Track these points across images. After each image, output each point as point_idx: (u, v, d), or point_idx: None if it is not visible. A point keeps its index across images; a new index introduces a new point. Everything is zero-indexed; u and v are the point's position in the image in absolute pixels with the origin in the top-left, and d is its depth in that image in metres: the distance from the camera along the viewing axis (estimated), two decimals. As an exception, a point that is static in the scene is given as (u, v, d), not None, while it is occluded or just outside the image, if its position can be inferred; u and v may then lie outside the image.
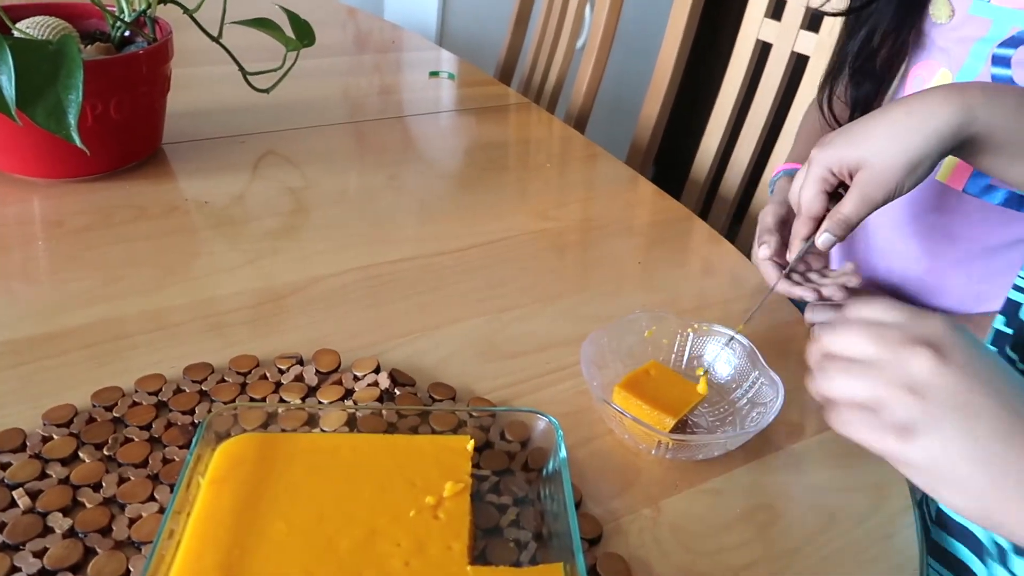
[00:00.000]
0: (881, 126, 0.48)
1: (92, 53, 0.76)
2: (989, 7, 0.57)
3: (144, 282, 0.63)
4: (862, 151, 0.48)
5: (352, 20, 1.46)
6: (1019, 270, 0.62)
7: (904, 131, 0.46)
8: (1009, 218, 0.61)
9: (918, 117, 0.46)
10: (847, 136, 0.49)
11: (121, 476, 0.46)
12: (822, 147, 0.50)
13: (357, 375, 0.55)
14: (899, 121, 0.47)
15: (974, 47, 0.59)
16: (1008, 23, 0.56)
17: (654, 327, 0.58)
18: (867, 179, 0.49)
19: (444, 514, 0.41)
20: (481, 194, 0.84)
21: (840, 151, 0.49)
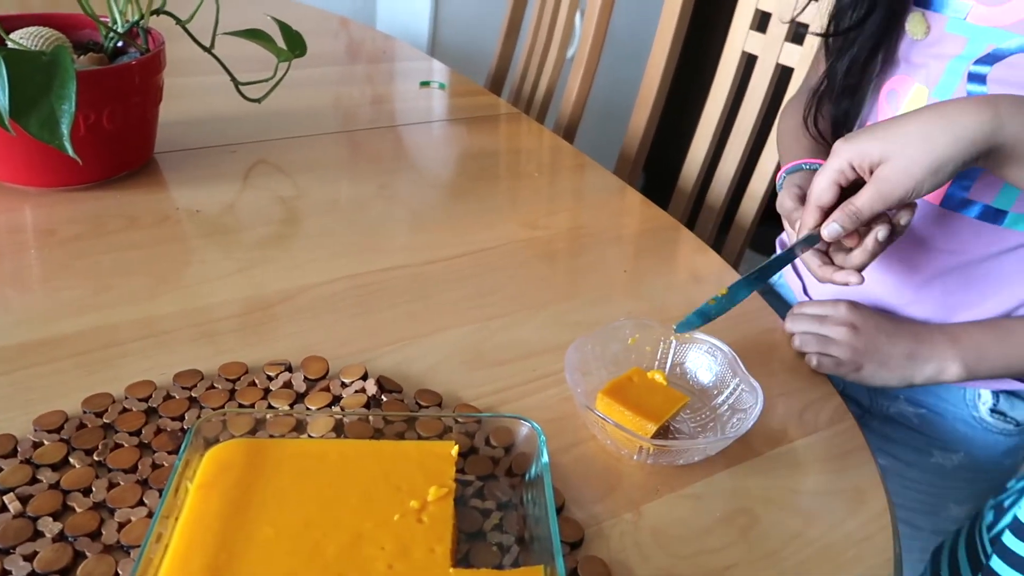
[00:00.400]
0: (911, 124, 0.48)
1: (85, 63, 0.76)
2: (965, 25, 0.59)
3: (135, 290, 0.64)
4: (887, 146, 0.48)
5: (344, 30, 1.47)
6: (995, 282, 0.64)
7: (935, 131, 0.46)
8: (984, 231, 0.63)
9: (950, 120, 0.46)
10: (874, 131, 0.49)
11: (111, 481, 0.46)
12: (847, 140, 0.50)
13: (345, 382, 0.55)
14: (930, 121, 0.47)
15: (950, 64, 0.60)
16: (983, 41, 0.58)
17: (638, 334, 0.59)
18: (888, 175, 0.48)
19: (428, 518, 0.42)
20: (470, 203, 0.85)
21: (865, 145, 0.49)
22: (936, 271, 0.65)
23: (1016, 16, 0.55)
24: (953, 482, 0.72)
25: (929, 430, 0.69)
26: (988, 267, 0.63)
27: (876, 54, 0.65)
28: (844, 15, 0.64)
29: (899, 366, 0.62)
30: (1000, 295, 0.64)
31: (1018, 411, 0.68)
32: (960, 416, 0.69)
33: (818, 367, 0.62)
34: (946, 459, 0.70)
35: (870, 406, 0.74)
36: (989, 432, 0.69)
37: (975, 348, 0.61)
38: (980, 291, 0.64)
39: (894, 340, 0.62)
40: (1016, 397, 0.68)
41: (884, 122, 0.50)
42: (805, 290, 0.78)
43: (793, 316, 0.65)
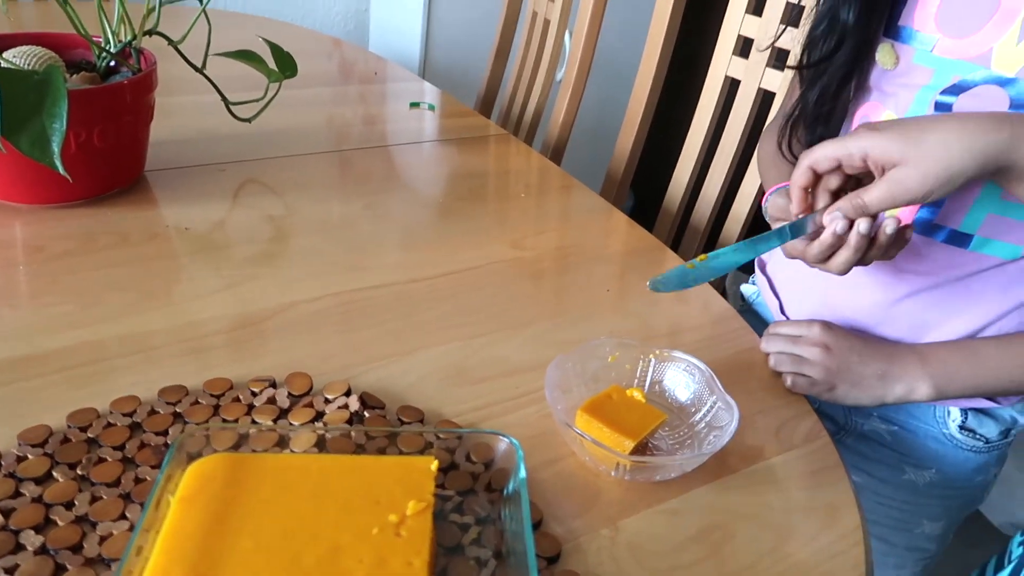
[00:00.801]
0: (933, 132, 0.48)
1: (77, 83, 0.78)
2: (931, 56, 0.61)
3: (123, 307, 0.65)
4: (908, 150, 0.48)
5: (337, 51, 1.49)
6: (964, 303, 0.65)
7: (953, 143, 0.47)
8: (953, 254, 0.64)
9: (969, 133, 0.47)
10: (897, 131, 0.49)
11: (94, 495, 0.47)
12: (873, 130, 0.49)
13: (328, 398, 0.56)
14: (951, 132, 0.48)
15: (918, 93, 0.62)
16: (949, 73, 0.60)
17: (618, 353, 0.60)
18: (902, 177, 0.49)
19: (406, 531, 0.43)
20: (457, 223, 0.86)
21: (888, 143, 0.49)
22: (907, 292, 0.67)
23: (979, 50, 0.57)
24: (926, 499, 0.73)
25: (901, 447, 0.70)
26: (957, 288, 0.65)
27: (847, 83, 0.67)
28: (815, 47, 0.66)
29: (871, 386, 0.63)
30: (969, 314, 0.65)
31: (986, 428, 0.69)
32: (931, 433, 0.70)
33: (793, 387, 0.63)
34: (918, 476, 0.71)
35: (845, 423, 0.75)
36: (959, 449, 0.70)
37: (945, 369, 0.63)
38: (950, 311, 0.66)
39: (866, 360, 0.63)
40: (984, 415, 0.69)
41: (905, 123, 0.50)
42: (782, 309, 0.80)
43: (768, 336, 0.66)
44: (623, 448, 0.51)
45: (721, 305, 0.75)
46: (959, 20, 0.59)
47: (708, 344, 0.70)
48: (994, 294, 0.64)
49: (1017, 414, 0.70)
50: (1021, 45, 0.55)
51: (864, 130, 0.50)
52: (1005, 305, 0.64)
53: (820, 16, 0.65)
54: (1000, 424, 0.70)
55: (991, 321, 0.65)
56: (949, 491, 0.72)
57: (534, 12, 1.36)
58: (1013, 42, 0.56)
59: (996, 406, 0.69)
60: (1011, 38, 0.56)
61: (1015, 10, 0.56)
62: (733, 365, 0.67)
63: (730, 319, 0.73)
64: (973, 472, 0.71)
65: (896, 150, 0.49)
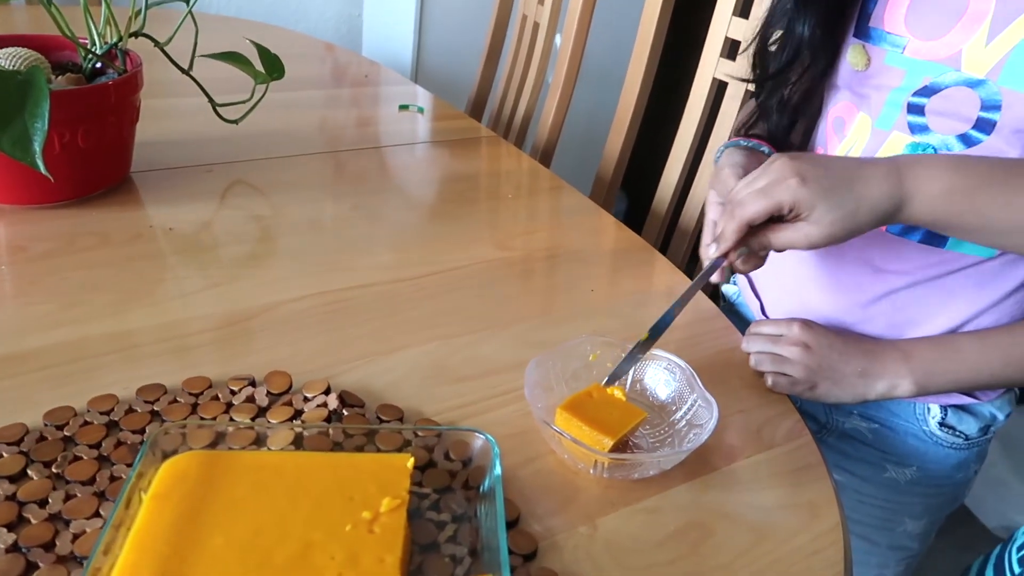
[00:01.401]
0: (851, 196, 0.51)
1: (63, 84, 0.78)
2: (903, 58, 0.61)
3: (104, 306, 0.65)
4: (824, 210, 0.51)
5: (330, 55, 1.50)
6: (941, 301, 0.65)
7: (863, 208, 0.51)
8: (930, 254, 0.64)
9: (875, 199, 0.51)
10: (822, 189, 0.51)
11: (68, 493, 0.47)
12: (800, 183, 0.51)
13: (307, 396, 0.56)
14: (864, 196, 0.51)
15: (890, 95, 0.62)
16: (920, 74, 0.60)
17: (598, 351, 0.60)
18: (810, 231, 0.52)
19: (379, 528, 0.42)
20: (444, 224, 0.86)
21: (811, 199, 0.51)
22: (885, 291, 0.67)
23: (949, 51, 0.57)
24: (907, 497, 0.72)
25: (882, 445, 0.70)
26: (934, 287, 0.65)
27: (815, 91, 0.66)
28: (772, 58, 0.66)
29: (852, 384, 0.63)
30: (947, 313, 0.65)
31: (966, 425, 0.69)
32: (911, 431, 0.70)
33: (774, 386, 0.63)
34: (899, 474, 0.71)
35: (826, 422, 0.75)
36: (940, 446, 0.70)
37: (925, 365, 0.63)
38: (928, 310, 0.66)
39: (846, 358, 0.63)
40: (964, 411, 0.69)
41: (826, 179, 0.52)
42: (763, 309, 0.80)
43: (749, 335, 0.66)
44: (602, 446, 0.51)
45: (705, 304, 0.75)
46: (928, 22, 0.59)
47: (691, 343, 0.70)
48: (971, 292, 0.64)
49: (996, 410, 0.70)
50: (990, 47, 0.55)
51: (794, 181, 0.51)
52: (981, 303, 0.64)
53: (771, 26, 0.65)
54: (980, 421, 0.70)
55: (968, 319, 0.65)
56: (930, 489, 0.72)
57: (524, 15, 1.36)
58: (982, 44, 0.56)
59: (975, 402, 0.69)
60: (980, 40, 0.56)
61: (983, 12, 0.56)
62: (716, 364, 0.67)
63: (714, 318, 0.73)
64: (953, 469, 0.71)
65: (816, 208, 0.51)
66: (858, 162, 0.53)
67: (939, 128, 0.60)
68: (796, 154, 0.53)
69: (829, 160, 0.53)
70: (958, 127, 0.58)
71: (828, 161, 0.53)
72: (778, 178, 0.52)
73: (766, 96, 0.68)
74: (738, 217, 0.53)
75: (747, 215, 0.53)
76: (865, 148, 0.65)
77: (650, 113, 1.16)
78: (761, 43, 0.67)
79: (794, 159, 0.53)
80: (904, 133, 0.62)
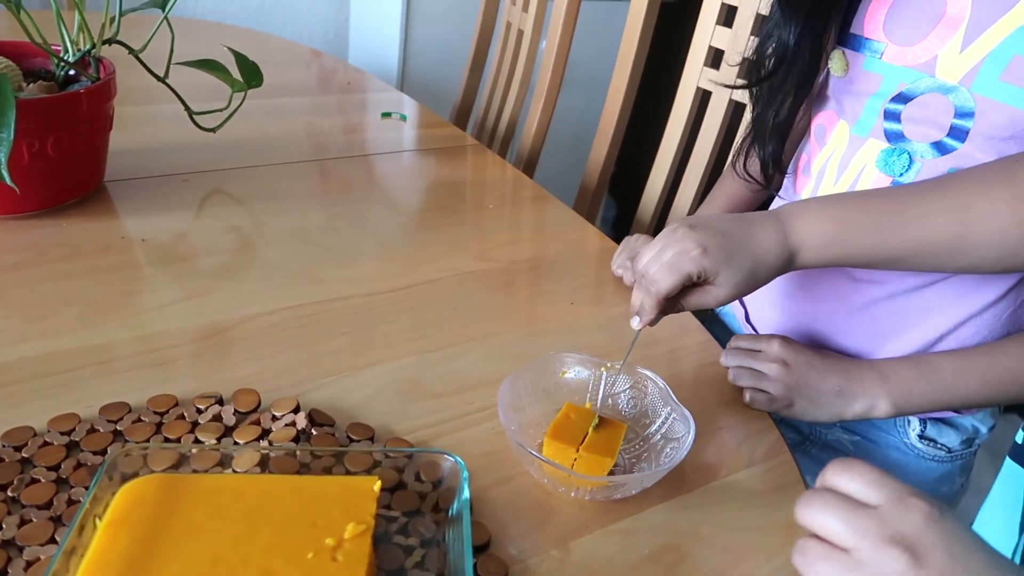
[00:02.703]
0: (748, 261, 0.55)
1: (34, 92, 0.76)
2: (880, 63, 0.60)
3: (70, 320, 0.63)
4: (727, 276, 0.54)
5: (315, 61, 1.48)
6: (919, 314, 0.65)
7: (761, 270, 0.55)
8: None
9: (764, 261, 0.55)
10: (723, 256, 0.54)
11: (23, 518, 0.45)
12: (705, 255, 0.54)
13: (276, 415, 0.55)
14: (761, 260, 0.55)
15: (868, 102, 0.62)
16: (896, 80, 0.59)
17: (568, 368, 0.59)
18: (717, 293, 0.56)
19: (343, 556, 0.41)
20: (423, 234, 0.85)
21: (713, 266, 0.54)
22: (864, 302, 0.66)
23: (925, 57, 0.57)
24: None
25: (864, 457, 0.69)
26: (913, 298, 0.64)
27: (801, 97, 0.66)
28: (763, 66, 0.66)
29: (829, 403, 0.62)
30: (925, 325, 0.65)
31: (946, 437, 0.69)
32: (892, 443, 0.69)
33: (751, 403, 0.62)
34: None
35: (809, 433, 0.74)
36: (922, 459, 0.69)
37: (903, 385, 0.62)
38: (905, 322, 0.65)
39: (824, 377, 0.62)
40: (944, 424, 0.69)
41: (724, 245, 0.54)
42: (747, 318, 0.79)
43: (728, 350, 0.65)
44: (604, 467, 0.50)
45: (687, 318, 0.74)
46: (906, 28, 0.59)
47: (672, 357, 0.69)
48: (949, 305, 0.64)
49: (978, 423, 0.70)
50: (964, 53, 0.55)
51: (697, 253, 0.54)
52: (960, 315, 0.63)
53: (766, 36, 0.65)
54: (961, 433, 0.69)
55: (947, 331, 0.64)
56: None
57: (508, 22, 1.35)
58: (956, 50, 0.55)
59: (956, 415, 0.69)
60: (954, 46, 0.55)
61: (959, 18, 0.55)
62: (696, 379, 0.66)
63: (694, 332, 0.72)
64: (936, 482, 0.71)
65: (720, 274, 0.54)
66: (747, 222, 0.56)
67: (914, 135, 0.59)
68: (694, 222, 0.56)
69: (724, 224, 0.55)
70: (932, 134, 0.58)
71: (724, 226, 0.55)
72: (681, 250, 0.54)
73: (762, 108, 0.68)
74: (654, 293, 0.56)
75: (662, 290, 0.55)
76: (843, 155, 0.65)
77: (639, 118, 1.15)
78: (757, 55, 0.67)
79: (693, 229, 0.55)
80: (879, 140, 0.61)
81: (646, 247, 0.57)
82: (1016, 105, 0.53)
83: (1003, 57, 0.53)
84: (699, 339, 0.71)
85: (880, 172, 0.61)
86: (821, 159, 0.67)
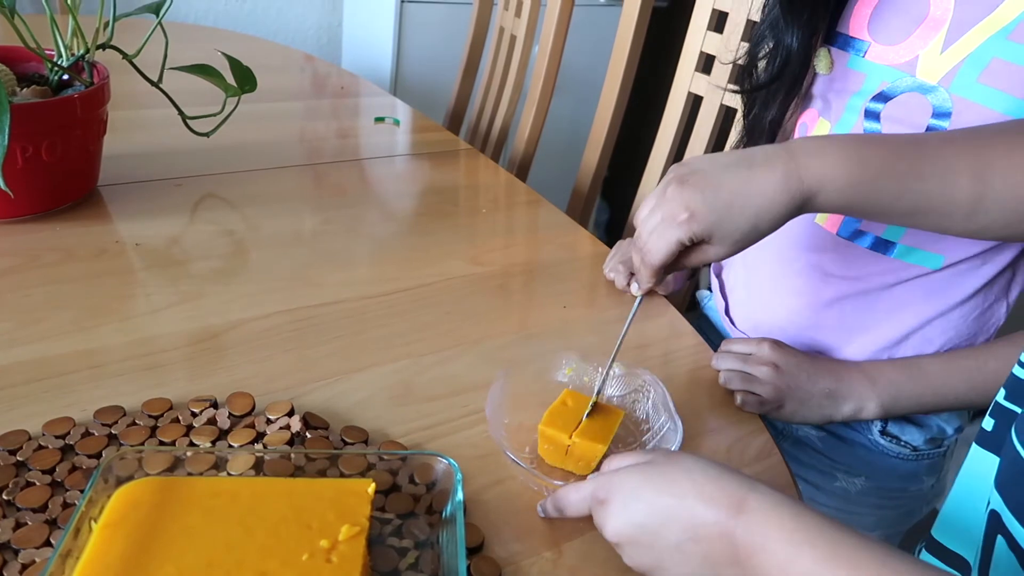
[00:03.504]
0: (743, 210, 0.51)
1: (28, 96, 0.76)
2: (863, 62, 0.61)
3: (64, 324, 0.63)
4: (724, 234, 0.52)
5: (309, 66, 1.49)
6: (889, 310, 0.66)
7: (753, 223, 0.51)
8: (878, 261, 0.65)
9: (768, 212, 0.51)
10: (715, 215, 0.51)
11: (18, 521, 0.45)
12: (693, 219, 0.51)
13: (270, 418, 0.55)
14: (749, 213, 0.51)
15: (850, 100, 0.62)
16: (879, 78, 0.60)
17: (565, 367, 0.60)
18: (717, 252, 0.53)
19: (337, 557, 0.41)
20: (417, 238, 0.85)
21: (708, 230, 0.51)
22: (835, 296, 0.67)
23: (907, 57, 0.58)
24: (858, 507, 0.72)
25: (832, 452, 0.70)
26: (884, 295, 0.65)
27: (791, 98, 0.67)
28: (761, 69, 0.66)
29: (819, 405, 0.63)
30: (895, 321, 0.66)
31: (910, 435, 0.69)
32: (858, 440, 0.70)
33: (743, 405, 0.62)
34: (849, 483, 0.71)
35: (783, 428, 0.75)
36: (886, 455, 0.70)
37: (891, 388, 0.63)
38: (876, 316, 0.66)
39: (814, 379, 0.63)
40: (905, 421, 0.69)
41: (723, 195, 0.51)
42: (727, 311, 0.80)
43: (720, 353, 0.66)
44: (596, 455, 0.51)
45: (679, 322, 0.74)
46: (890, 27, 0.59)
47: (664, 360, 0.69)
48: (919, 303, 0.65)
49: (943, 423, 0.70)
50: (945, 54, 0.55)
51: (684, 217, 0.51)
52: (929, 313, 0.64)
53: (759, 39, 0.65)
54: (926, 432, 0.70)
55: (915, 328, 0.65)
56: (882, 500, 0.72)
57: (501, 27, 1.36)
58: (937, 51, 0.56)
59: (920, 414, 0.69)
60: (936, 47, 0.56)
61: (941, 19, 0.56)
62: (688, 381, 0.67)
63: (686, 335, 0.73)
64: (902, 480, 0.71)
65: (715, 234, 0.51)
66: (749, 164, 0.51)
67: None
68: (686, 173, 0.52)
69: (721, 172, 0.52)
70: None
71: (720, 175, 0.51)
72: (669, 215, 0.52)
73: (759, 109, 0.68)
74: (648, 264, 0.54)
75: (655, 261, 0.54)
76: None
77: (631, 122, 1.16)
78: (750, 58, 0.67)
79: (684, 184, 0.52)
80: None
81: (644, 202, 0.55)
82: (992, 107, 0.54)
83: (982, 59, 0.54)
84: (691, 342, 0.72)
85: None
86: None
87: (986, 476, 0.46)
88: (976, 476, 0.47)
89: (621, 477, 0.44)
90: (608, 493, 0.44)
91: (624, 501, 0.43)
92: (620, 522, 0.43)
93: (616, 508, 0.43)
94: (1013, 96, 0.53)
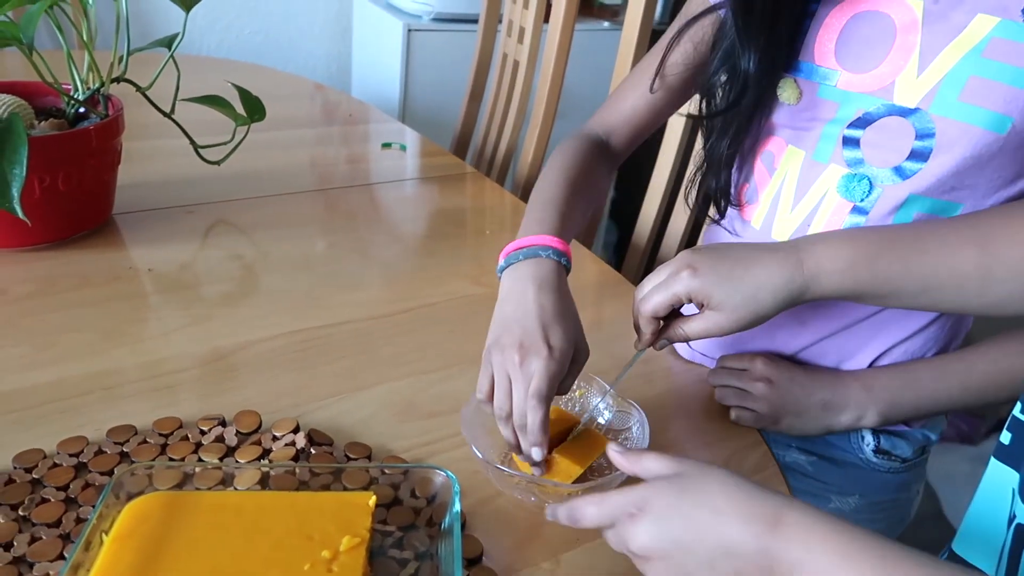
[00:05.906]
0: (746, 281, 0.53)
1: (45, 129, 0.79)
2: (835, 91, 0.61)
3: (79, 347, 0.65)
4: (724, 297, 0.53)
5: (319, 94, 1.52)
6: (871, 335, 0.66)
7: (764, 291, 0.53)
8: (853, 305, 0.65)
9: (774, 282, 0.53)
10: (716, 276, 0.53)
11: (33, 536, 0.47)
12: (693, 274, 0.54)
13: (276, 435, 0.57)
14: (760, 279, 0.53)
15: (825, 128, 0.62)
16: (854, 106, 0.60)
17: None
18: (718, 319, 0.54)
19: (338, 567, 0.43)
20: (422, 260, 0.87)
21: (707, 288, 0.53)
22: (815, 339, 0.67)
23: (882, 83, 0.58)
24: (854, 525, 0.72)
25: (824, 476, 0.70)
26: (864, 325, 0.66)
27: (751, 126, 0.66)
28: (717, 96, 0.66)
29: (816, 417, 0.64)
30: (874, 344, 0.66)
31: (900, 449, 0.69)
32: (849, 460, 0.70)
33: (738, 420, 0.63)
34: (844, 503, 0.71)
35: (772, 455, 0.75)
36: (878, 472, 0.70)
37: (887, 395, 0.63)
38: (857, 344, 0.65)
39: (809, 391, 0.64)
40: (896, 436, 0.69)
41: (721, 266, 0.54)
42: None
43: (714, 370, 0.67)
44: (570, 475, 0.52)
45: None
46: (858, 55, 0.60)
47: (661, 376, 0.70)
48: (897, 323, 0.65)
49: (928, 431, 0.71)
50: (921, 77, 0.56)
51: (686, 273, 0.54)
52: (908, 330, 0.65)
53: (717, 65, 0.65)
54: (913, 443, 0.70)
55: (895, 344, 0.65)
56: (877, 514, 0.72)
57: (504, 54, 1.39)
58: (913, 75, 0.57)
59: (907, 428, 0.70)
60: (911, 71, 0.57)
61: (911, 44, 0.57)
62: (684, 396, 0.68)
63: (682, 347, 0.74)
64: (895, 491, 0.71)
65: (713, 296, 0.53)
66: (755, 248, 0.55)
67: (873, 160, 0.60)
68: (698, 247, 0.55)
69: (728, 248, 0.55)
70: (892, 159, 0.59)
71: (726, 249, 0.55)
72: (674, 271, 0.54)
73: (716, 137, 0.68)
74: (643, 312, 0.56)
75: (648, 310, 0.55)
76: (799, 180, 0.64)
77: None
78: (709, 85, 0.67)
79: (694, 252, 0.55)
80: (840, 166, 0.62)
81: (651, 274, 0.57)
82: (977, 124, 0.54)
83: (959, 78, 0.55)
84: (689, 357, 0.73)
85: (841, 198, 0.62)
86: (773, 186, 0.68)
87: (1005, 489, 0.47)
88: (996, 489, 0.48)
89: (655, 490, 0.43)
90: (641, 506, 0.42)
91: (659, 515, 0.41)
92: (652, 536, 0.41)
93: (649, 521, 0.42)
94: (995, 111, 0.54)
